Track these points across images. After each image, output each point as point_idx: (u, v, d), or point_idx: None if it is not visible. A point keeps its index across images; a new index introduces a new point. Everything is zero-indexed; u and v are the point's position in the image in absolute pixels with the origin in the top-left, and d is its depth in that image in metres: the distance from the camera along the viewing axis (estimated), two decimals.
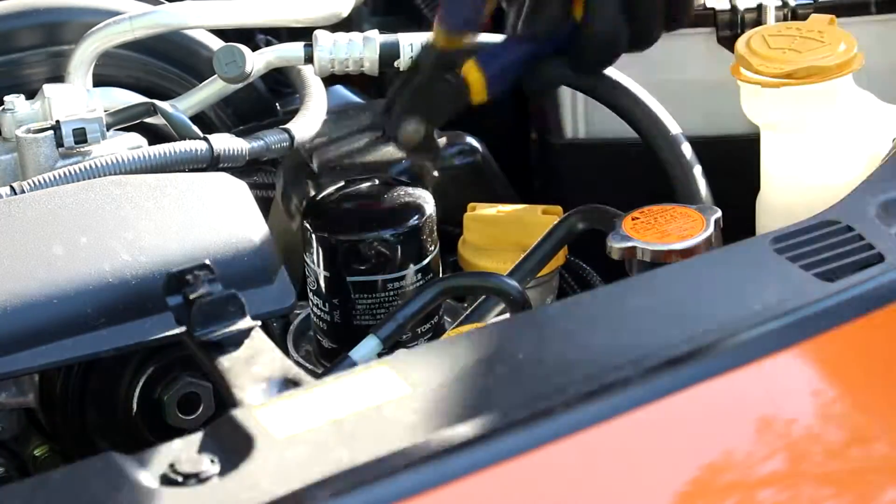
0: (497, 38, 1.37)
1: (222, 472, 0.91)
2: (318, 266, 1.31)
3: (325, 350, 1.35)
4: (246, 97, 1.56)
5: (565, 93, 1.61)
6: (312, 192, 1.43)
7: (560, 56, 1.35)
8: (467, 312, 1.31)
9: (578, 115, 1.62)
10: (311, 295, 1.34)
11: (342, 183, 1.36)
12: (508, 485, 0.91)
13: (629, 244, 1.19)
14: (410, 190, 1.34)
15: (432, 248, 1.32)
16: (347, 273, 1.30)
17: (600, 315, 1.04)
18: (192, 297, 1.09)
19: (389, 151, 1.48)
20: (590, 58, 1.34)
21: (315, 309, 1.34)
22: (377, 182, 1.37)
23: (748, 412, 0.99)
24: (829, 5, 1.54)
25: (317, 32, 1.43)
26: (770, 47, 1.35)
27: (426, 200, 1.32)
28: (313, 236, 1.31)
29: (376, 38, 1.42)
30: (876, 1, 1.57)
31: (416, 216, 1.31)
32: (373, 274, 1.30)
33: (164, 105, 1.38)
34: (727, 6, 1.56)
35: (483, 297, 1.30)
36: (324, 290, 1.31)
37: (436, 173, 1.48)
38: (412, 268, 1.31)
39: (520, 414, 0.94)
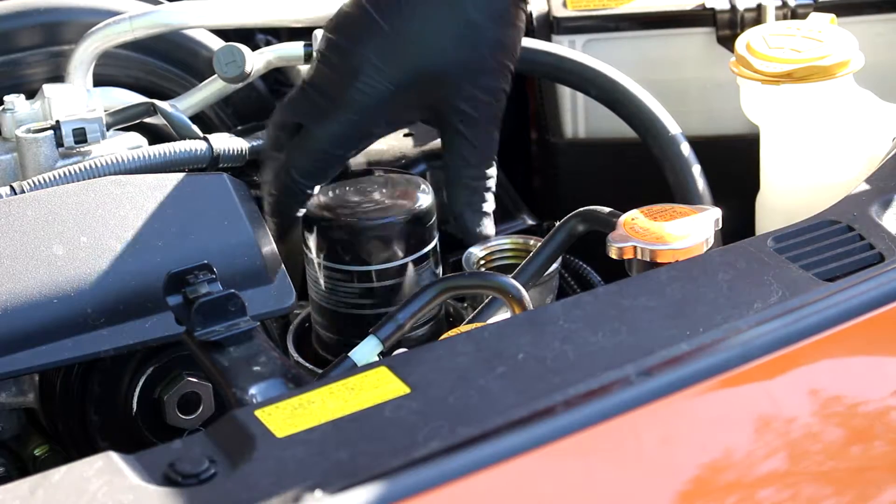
0: None
1: (222, 472, 0.91)
2: (315, 254, 1.31)
3: (324, 342, 1.35)
4: (246, 97, 1.56)
5: (565, 93, 1.61)
6: None
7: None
8: (472, 315, 1.31)
9: (578, 115, 1.62)
10: (309, 283, 1.34)
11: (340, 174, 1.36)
12: (508, 485, 0.91)
13: (629, 244, 1.19)
14: (409, 179, 1.34)
15: (431, 238, 1.32)
16: (344, 261, 1.30)
17: (600, 315, 1.04)
18: (192, 296, 1.09)
19: (390, 151, 1.48)
20: None
21: (314, 297, 1.34)
22: (376, 173, 1.37)
23: (748, 412, 0.99)
24: (829, 5, 1.54)
25: (317, 32, 1.42)
26: (770, 46, 1.35)
27: (425, 190, 1.32)
28: (311, 224, 1.31)
29: None
30: (876, 1, 1.57)
31: (415, 205, 1.31)
32: (370, 263, 1.30)
33: (164, 105, 1.38)
34: (727, 6, 1.56)
35: (487, 300, 1.30)
36: (321, 279, 1.31)
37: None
38: (410, 257, 1.31)
39: (520, 414, 0.94)
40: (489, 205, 1.27)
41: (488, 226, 1.28)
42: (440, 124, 1.26)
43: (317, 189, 1.30)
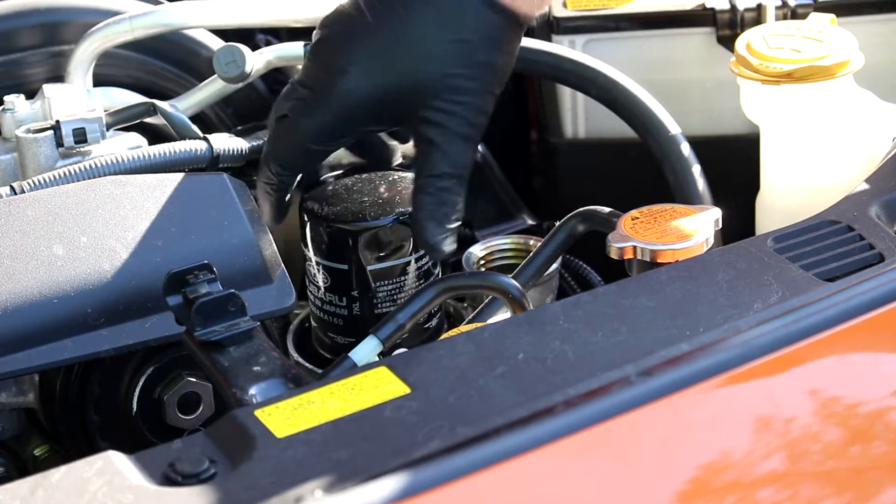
0: None
1: (222, 472, 0.91)
2: (314, 254, 1.31)
3: (324, 342, 1.35)
4: (246, 97, 1.56)
5: (565, 93, 1.61)
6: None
7: None
8: (472, 315, 1.31)
9: (578, 115, 1.62)
10: (308, 285, 1.34)
11: (339, 173, 1.36)
12: (508, 485, 0.91)
13: (629, 244, 1.19)
14: (408, 179, 1.34)
15: None
16: (344, 261, 1.30)
17: (600, 315, 1.04)
18: (191, 296, 1.09)
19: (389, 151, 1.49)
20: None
21: (314, 299, 1.34)
22: (374, 172, 1.36)
23: (748, 412, 0.99)
24: (829, 5, 1.54)
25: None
26: (770, 46, 1.35)
27: None
28: (310, 224, 1.31)
29: None
30: (876, 1, 1.57)
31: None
32: (369, 263, 1.30)
33: (164, 105, 1.38)
34: (727, 6, 1.56)
35: (487, 300, 1.30)
36: (319, 279, 1.31)
37: None
38: (410, 257, 1.31)
39: (520, 414, 0.94)
40: (454, 221, 1.23)
41: (450, 242, 1.22)
42: (416, 133, 1.26)
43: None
